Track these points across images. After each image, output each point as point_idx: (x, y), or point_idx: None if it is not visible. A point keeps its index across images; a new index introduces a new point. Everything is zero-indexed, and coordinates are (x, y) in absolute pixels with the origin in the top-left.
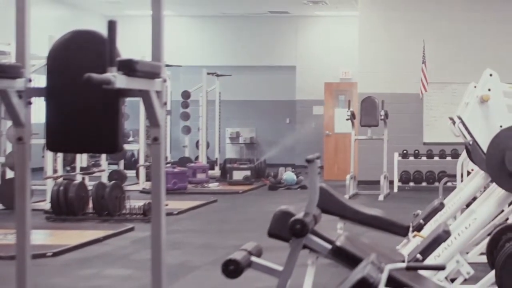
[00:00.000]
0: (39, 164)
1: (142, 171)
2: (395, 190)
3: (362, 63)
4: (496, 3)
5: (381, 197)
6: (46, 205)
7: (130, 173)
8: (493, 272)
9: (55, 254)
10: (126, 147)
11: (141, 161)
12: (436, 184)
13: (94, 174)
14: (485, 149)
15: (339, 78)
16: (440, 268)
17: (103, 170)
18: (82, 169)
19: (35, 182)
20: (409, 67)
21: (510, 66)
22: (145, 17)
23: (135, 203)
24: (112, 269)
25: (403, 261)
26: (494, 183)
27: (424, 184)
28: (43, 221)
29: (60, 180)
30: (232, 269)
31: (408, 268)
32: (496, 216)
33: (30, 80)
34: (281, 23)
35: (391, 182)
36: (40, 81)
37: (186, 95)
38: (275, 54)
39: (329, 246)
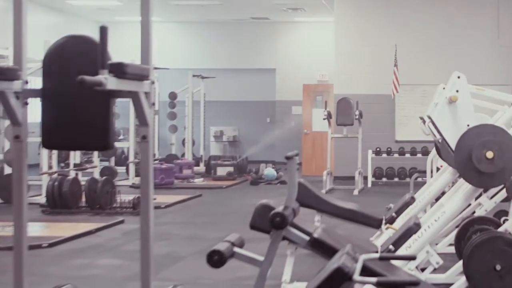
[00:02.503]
0: (35, 161)
1: (132, 167)
2: (369, 185)
3: (338, 66)
4: (462, 11)
5: (356, 192)
6: (42, 199)
7: (121, 169)
8: (460, 262)
9: (50, 245)
10: (117, 144)
11: (131, 157)
12: (408, 179)
13: (86, 170)
14: (453, 146)
15: (316, 80)
16: (411, 258)
17: (95, 166)
18: (75, 165)
19: (32, 178)
20: (382, 70)
21: (476, 69)
22: (134, 23)
23: (125, 197)
24: (103, 259)
25: (377, 252)
26: (461, 179)
27: (396, 179)
28: (39, 214)
29: (55, 175)
30: (216, 259)
31: (381, 258)
32: (464, 210)
33: (27, 82)
34: (262, 28)
35: (365, 178)
36: (36, 83)
37: (173, 96)
38: (256, 58)
39: (307, 238)
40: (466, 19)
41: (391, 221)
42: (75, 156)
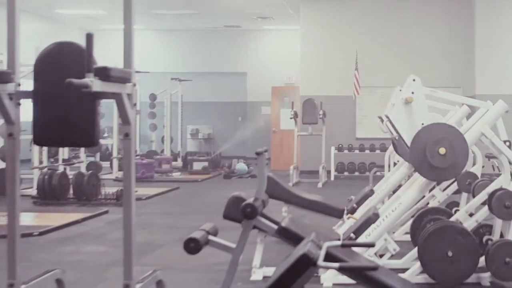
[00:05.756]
0: (27, 156)
1: (115, 162)
2: (332, 178)
3: (303, 69)
4: (417, 20)
5: (320, 185)
6: (33, 192)
7: (105, 164)
8: (416, 249)
9: (41, 234)
10: (102, 141)
11: (115, 153)
12: (367, 173)
13: (74, 165)
14: (409, 143)
15: (284, 82)
16: (370, 245)
17: (82, 161)
18: (64, 160)
19: (24, 172)
20: (344, 73)
21: (430, 73)
22: (118, 30)
23: (109, 189)
24: (89, 246)
25: (339, 240)
26: (416, 173)
27: (356, 173)
28: (31, 205)
29: (45, 170)
30: (192, 246)
31: (343, 246)
32: (419, 201)
33: (19, 85)
34: (234, 35)
35: (329, 172)
36: (28, 85)
37: (153, 97)
38: (229, 62)
39: (275, 227)
40: (420, 28)
41: (352, 211)
42: (64, 152)
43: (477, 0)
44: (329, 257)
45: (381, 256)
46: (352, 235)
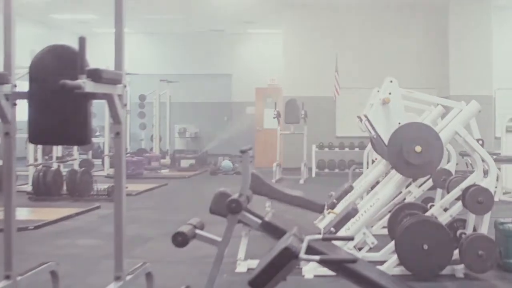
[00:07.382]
0: (23, 154)
1: (107, 160)
2: (313, 175)
3: (286, 71)
4: (394, 26)
5: (301, 181)
6: (28, 188)
7: (97, 161)
8: (393, 242)
9: (36, 228)
10: (94, 140)
11: (106, 151)
12: (347, 170)
13: (67, 162)
14: (386, 141)
15: (267, 84)
16: (350, 239)
17: (75, 159)
18: (57, 158)
19: (19, 169)
20: (324, 75)
21: (406, 75)
22: (109, 34)
23: (101, 186)
24: (82, 239)
25: (320, 233)
26: (394, 170)
27: (336, 170)
28: (26, 201)
29: (40, 167)
30: (180, 239)
31: (323, 239)
32: (396, 197)
33: (15, 86)
34: (220, 38)
35: (310, 169)
36: (23, 86)
37: (142, 98)
38: (215, 64)
39: (259, 221)
40: (397, 32)
41: (332, 206)
42: (58, 150)
43: (451, 7)
44: (310, 250)
45: (360, 249)
46: (332, 229)
